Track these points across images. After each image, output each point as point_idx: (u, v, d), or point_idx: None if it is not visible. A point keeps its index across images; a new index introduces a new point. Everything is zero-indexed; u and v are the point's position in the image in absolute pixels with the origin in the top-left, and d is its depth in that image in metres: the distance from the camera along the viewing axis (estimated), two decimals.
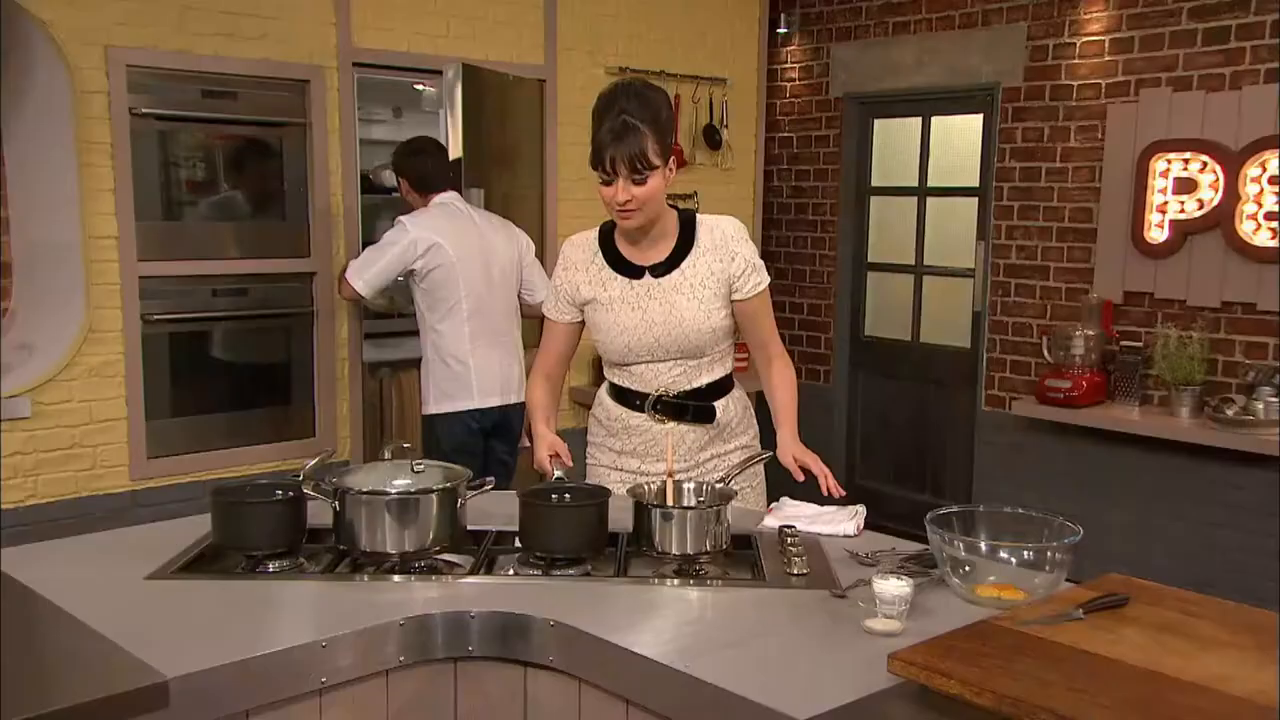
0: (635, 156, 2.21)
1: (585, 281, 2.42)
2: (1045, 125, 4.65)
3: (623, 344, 2.38)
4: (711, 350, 2.43)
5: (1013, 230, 4.81)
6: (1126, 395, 4.35)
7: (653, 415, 2.43)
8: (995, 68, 4.78)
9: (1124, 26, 4.36)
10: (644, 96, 2.26)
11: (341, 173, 4.19)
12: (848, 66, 5.37)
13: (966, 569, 1.89)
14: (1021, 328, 4.79)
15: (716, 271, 2.38)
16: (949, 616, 1.76)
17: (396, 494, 2.02)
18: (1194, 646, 1.54)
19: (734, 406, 2.51)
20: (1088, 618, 1.65)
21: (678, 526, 2.01)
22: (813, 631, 1.77)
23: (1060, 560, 1.86)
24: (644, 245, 2.40)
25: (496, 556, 2.15)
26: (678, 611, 1.90)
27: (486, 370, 3.71)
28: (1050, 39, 4.60)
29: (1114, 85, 4.41)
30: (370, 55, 4.21)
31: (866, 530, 2.26)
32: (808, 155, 5.60)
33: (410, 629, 1.77)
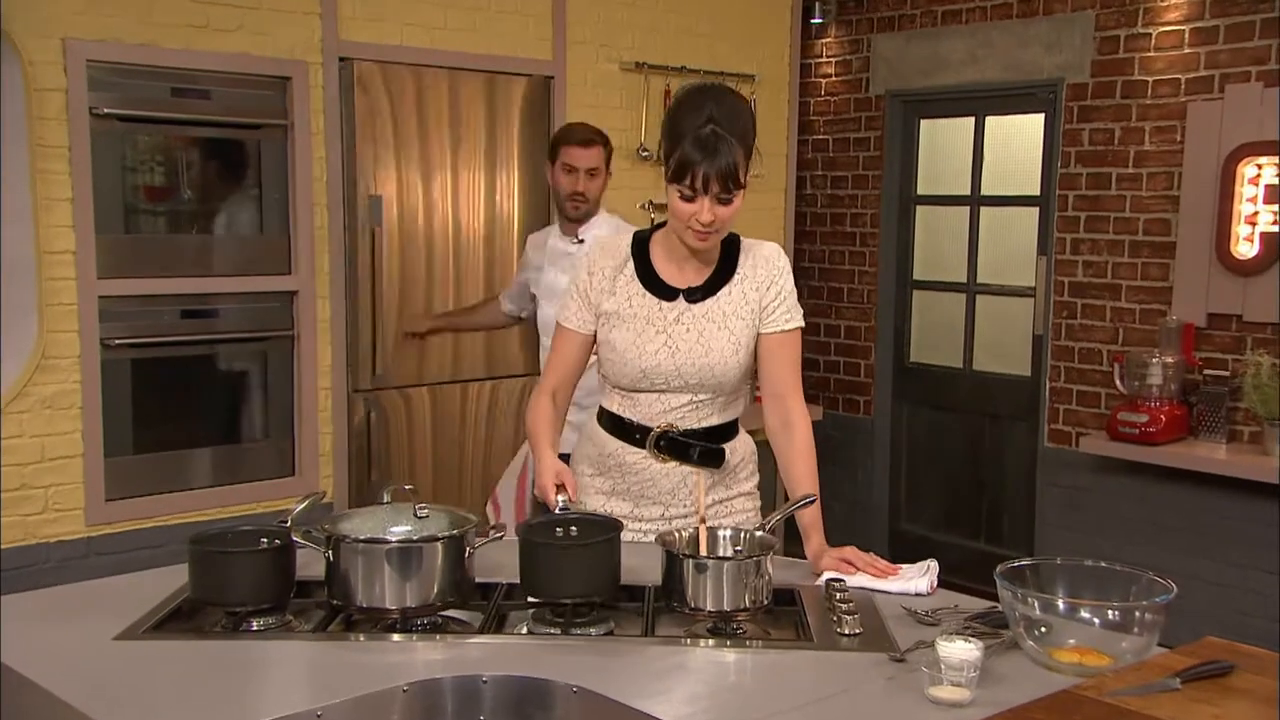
0: (728, 174, 2.23)
1: (609, 291, 2.43)
2: (1116, 126, 4.66)
3: (639, 369, 2.39)
4: (730, 388, 2.44)
5: (1079, 244, 4.81)
6: (1212, 431, 4.33)
7: (654, 453, 2.43)
8: (1059, 61, 4.80)
9: (1207, 14, 4.38)
10: (733, 106, 2.28)
11: (326, 180, 4.22)
12: (890, 61, 5.40)
13: (1042, 630, 1.88)
14: (1090, 354, 4.78)
15: (751, 300, 2.41)
16: (1023, 684, 1.76)
17: (397, 542, 2.02)
18: None
19: (741, 450, 2.52)
20: (1185, 688, 1.64)
21: (713, 579, 2.00)
22: (869, 700, 1.77)
23: (1151, 621, 1.85)
24: (685, 265, 2.41)
25: (508, 613, 2.15)
26: (714, 676, 1.89)
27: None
28: (1122, 29, 4.62)
29: (1195, 81, 4.42)
30: (358, 49, 4.25)
31: None
32: (845, 160, 5.62)
33: (415, 695, 1.77)
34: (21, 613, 2.08)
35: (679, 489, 2.45)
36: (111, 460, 3.88)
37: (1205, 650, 1.78)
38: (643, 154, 4.97)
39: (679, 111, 2.29)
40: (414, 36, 4.38)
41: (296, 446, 4.26)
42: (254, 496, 4.11)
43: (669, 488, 2.45)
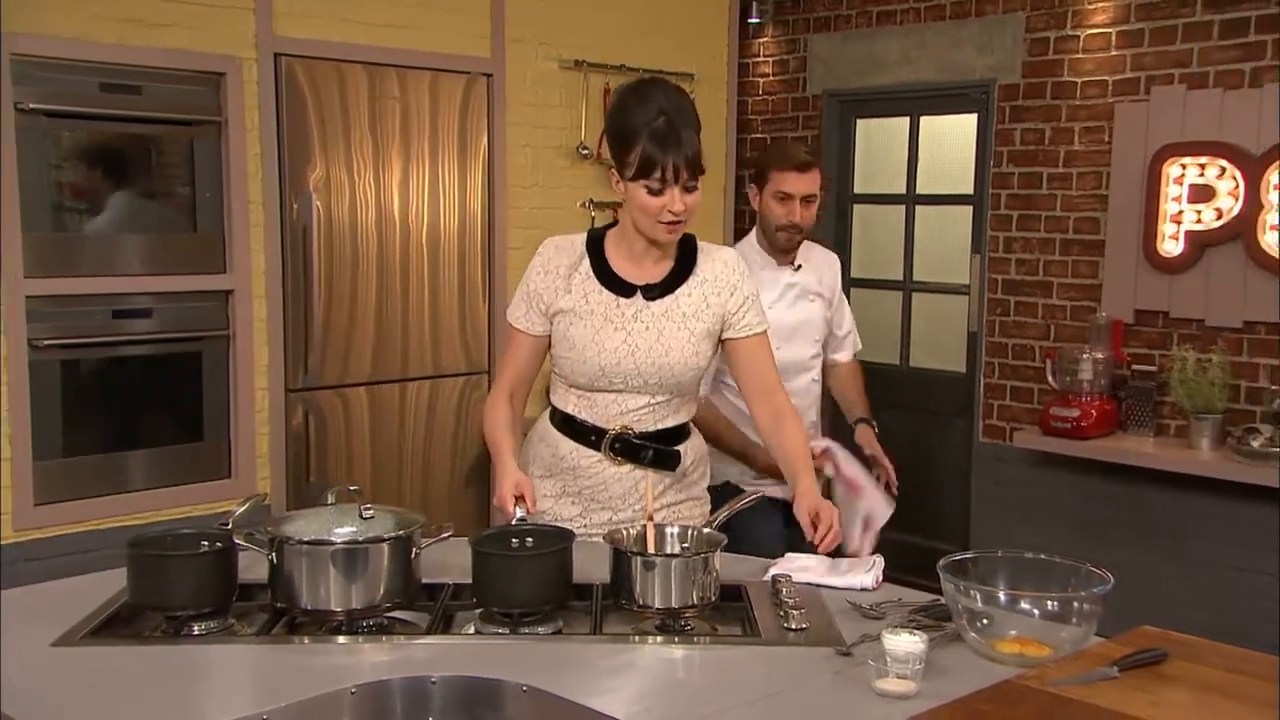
0: (693, 161, 2.26)
1: (564, 289, 2.41)
2: (1046, 126, 4.75)
3: (597, 366, 2.38)
4: (688, 390, 2.45)
5: (1011, 242, 4.90)
6: (1140, 425, 4.44)
7: (609, 455, 2.42)
8: (990, 63, 4.89)
9: (1133, 18, 4.49)
10: (678, 97, 2.31)
11: (261, 177, 4.16)
12: (826, 61, 5.45)
13: (984, 622, 1.91)
14: (1023, 350, 4.87)
15: (713, 305, 2.41)
16: (967, 675, 1.79)
17: (343, 543, 2.00)
18: (1243, 708, 1.58)
19: (694, 452, 2.52)
20: (1123, 676, 1.68)
21: (661, 577, 2.01)
22: (816, 694, 1.78)
23: (1089, 612, 1.89)
24: (643, 261, 2.41)
25: (454, 613, 2.14)
26: (663, 672, 1.90)
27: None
28: (1051, 31, 4.71)
29: (1122, 82, 4.53)
30: (293, 46, 4.20)
31: None
32: None
33: (363, 697, 1.76)
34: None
35: (630, 494, 2.44)
36: (40, 464, 3.79)
37: (1140, 639, 1.83)
38: (583, 152, 4.96)
39: (626, 109, 2.29)
40: (350, 33, 4.33)
41: (233, 448, 4.20)
42: (189, 499, 4.05)
43: (620, 492, 2.45)
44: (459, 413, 4.74)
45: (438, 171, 4.59)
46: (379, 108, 4.42)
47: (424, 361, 4.63)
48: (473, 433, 4.75)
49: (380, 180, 4.45)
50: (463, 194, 4.67)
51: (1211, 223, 4.26)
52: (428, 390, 4.65)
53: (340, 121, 4.33)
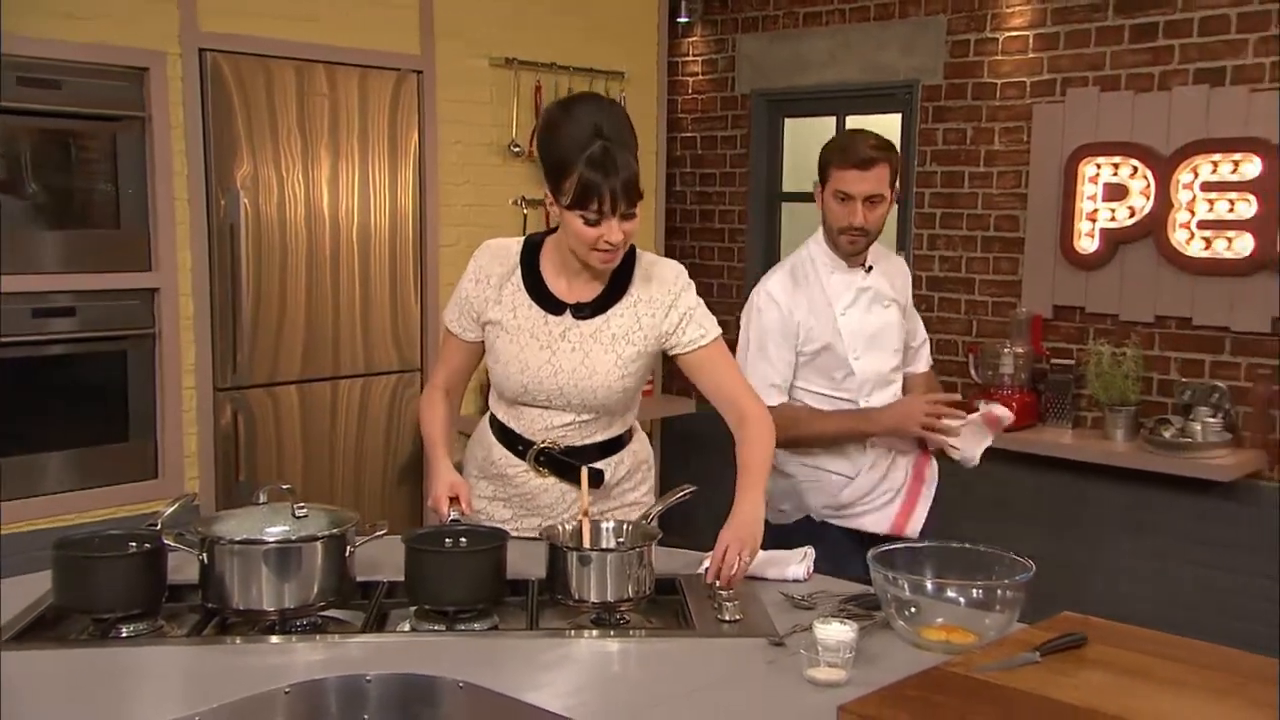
0: (631, 189, 2.13)
1: (495, 300, 2.36)
2: (968, 126, 4.84)
3: (520, 384, 2.34)
4: (616, 408, 2.40)
5: (935, 240, 4.98)
6: (1059, 417, 4.54)
7: (534, 467, 2.41)
8: (914, 64, 4.96)
9: (1048, 21, 4.58)
10: (614, 113, 2.19)
11: (187, 174, 4.08)
12: (754, 61, 5.49)
13: (912, 610, 1.95)
14: (946, 345, 4.95)
15: (646, 326, 2.33)
16: (896, 663, 1.81)
17: (275, 543, 1.98)
18: (1158, 689, 1.63)
19: (628, 461, 2.47)
20: (1045, 661, 1.72)
21: (596, 571, 2.02)
22: (750, 684, 1.80)
23: (1012, 599, 1.93)
24: (576, 279, 2.33)
25: (389, 611, 2.12)
26: (599, 665, 1.91)
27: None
28: (971, 33, 4.79)
29: (1039, 84, 4.62)
30: (218, 40, 4.12)
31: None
32: (713, 157, 5.69)
33: (298, 697, 1.74)
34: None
35: (559, 504, 2.42)
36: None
37: (1062, 625, 1.88)
38: (514, 149, 4.94)
39: (558, 131, 2.16)
40: (277, 29, 4.26)
41: (160, 448, 4.11)
42: (115, 500, 3.96)
43: (549, 501, 2.43)
44: (392, 411, 4.69)
45: (368, 168, 4.54)
46: (307, 104, 4.35)
47: (356, 359, 4.58)
48: (406, 431, 4.70)
49: (309, 177, 4.39)
50: (393, 191, 4.62)
51: (1125, 221, 4.36)
52: (359, 388, 4.60)
53: (268, 118, 4.26)
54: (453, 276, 4.39)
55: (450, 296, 2.49)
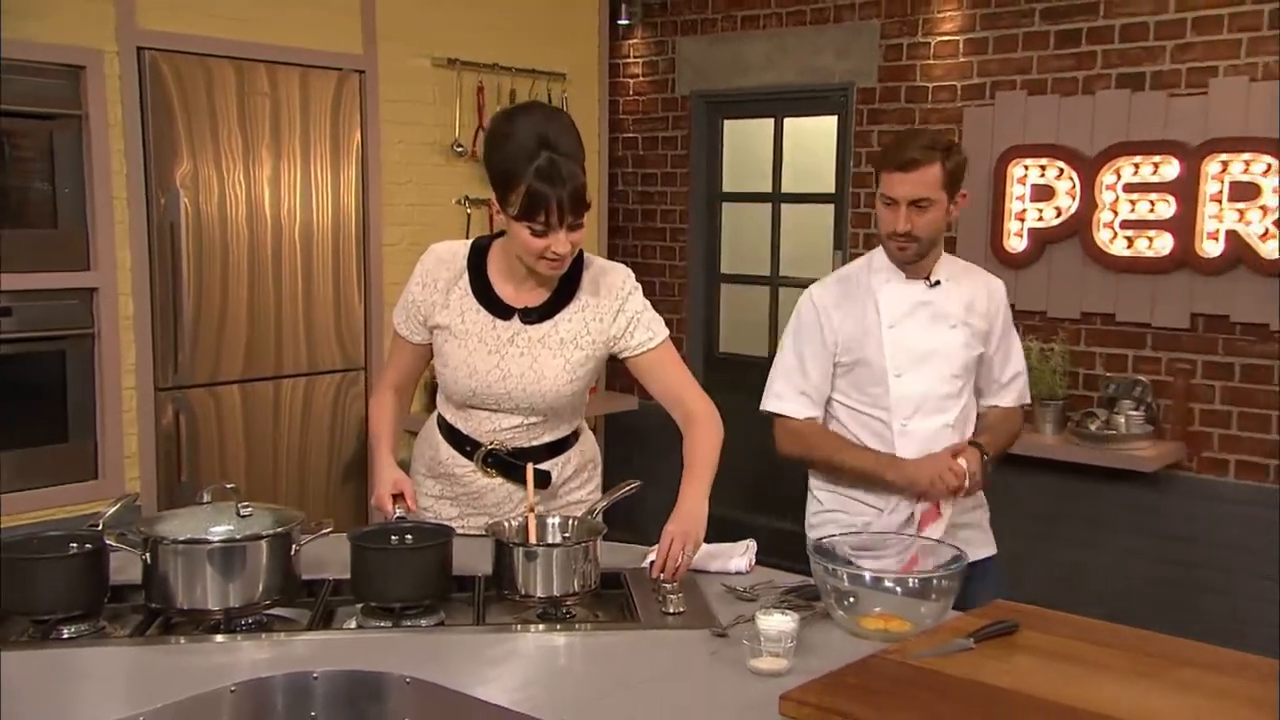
0: (578, 200, 2.12)
1: (442, 304, 2.34)
2: (901, 128, 4.89)
3: (468, 388, 2.33)
4: (564, 411, 2.40)
5: (870, 239, 5.03)
6: None
7: (481, 468, 2.40)
8: (849, 67, 5.01)
9: (978, 26, 4.65)
10: (560, 122, 2.17)
11: (126, 173, 4.00)
12: (694, 63, 5.51)
13: (851, 600, 1.97)
14: None
15: (594, 331, 2.33)
16: (836, 651, 1.83)
17: (220, 542, 1.95)
18: (1086, 672, 1.66)
19: (574, 461, 2.47)
20: (979, 647, 1.75)
21: (542, 566, 2.01)
22: (694, 674, 1.81)
23: (946, 588, 1.96)
24: (523, 285, 2.31)
25: (335, 609, 2.10)
26: (545, 659, 1.91)
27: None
28: (904, 38, 4.85)
29: (969, 87, 4.69)
30: (157, 39, 4.05)
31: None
32: (655, 158, 5.70)
33: (243, 695, 1.71)
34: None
35: (505, 503, 2.42)
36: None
37: (994, 611, 1.91)
38: (457, 149, 4.91)
39: (505, 143, 2.14)
40: (216, 27, 4.19)
41: (100, 448, 4.04)
42: (55, 501, 3.87)
43: (495, 501, 2.43)
44: (335, 410, 4.64)
45: (310, 168, 4.49)
46: (248, 103, 4.29)
47: (299, 359, 4.52)
48: (350, 429, 4.66)
49: (251, 176, 4.33)
50: (336, 190, 4.58)
51: (1052, 220, 4.44)
52: (303, 387, 4.55)
53: (208, 117, 4.19)
54: (397, 276, 4.36)
55: (395, 296, 2.47)
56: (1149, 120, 4.20)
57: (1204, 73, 4.11)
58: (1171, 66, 4.19)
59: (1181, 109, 4.14)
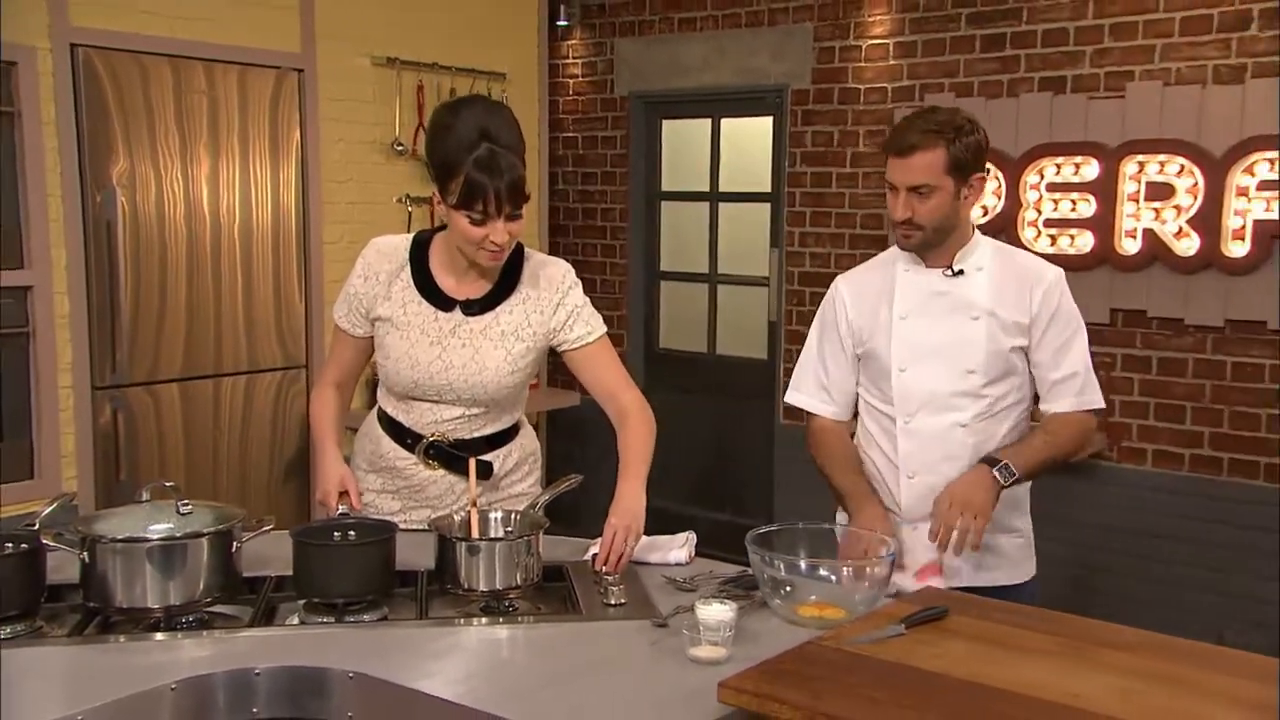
0: (517, 191, 2.12)
1: (384, 296, 2.33)
2: (835, 129, 4.94)
3: (410, 379, 2.32)
4: (506, 403, 2.40)
5: (806, 237, 5.08)
6: None
7: (423, 460, 2.39)
8: (783, 69, 5.04)
9: (907, 30, 4.71)
10: (500, 115, 2.17)
11: (61, 170, 3.91)
12: (632, 64, 5.51)
13: (787, 589, 1.99)
14: None
15: (534, 323, 2.33)
16: (773, 639, 1.85)
17: (159, 540, 1.91)
18: (1012, 655, 1.69)
19: (515, 454, 2.47)
20: (910, 632, 1.77)
21: (485, 560, 2.00)
22: (636, 664, 1.82)
23: (879, 575, 1.99)
24: (464, 277, 2.31)
25: (277, 605, 2.08)
26: (488, 652, 1.90)
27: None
28: (836, 41, 4.90)
29: (900, 90, 4.75)
30: (91, 36, 3.96)
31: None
32: (594, 157, 5.70)
33: (184, 693, 1.68)
34: None
35: (447, 495, 2.40)
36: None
37: (925, 598, 1.94)
38: (398, 148, 4.87)
39: (446, 134, 2.14)
40: (151, 25, 4.11)
41: (36, 448, 3.95)
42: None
43: (437, 493, 2.41)
44: (277, 407, 4.58)
45: (249, 166, 4.42)
46: (185, 101, 4.21)
47: (239, 357, 4.45)
48: (292, 427, 4.60)
49: (189, 174, 4.25)
50: (276, 189, 4.51)
51: (979, 219, 4.51)
52: (243, 386, 4.48)
53: (144, 115, 4.11)
54: (338, 274, 4.32)
55: (336, 294, 2.45)
56: (1070, 122, 4.29)
57: (1121, 77, 4.21)
58: (1091, 71, 4.28)
59: (1100, 112, 4.23)
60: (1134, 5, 4.17)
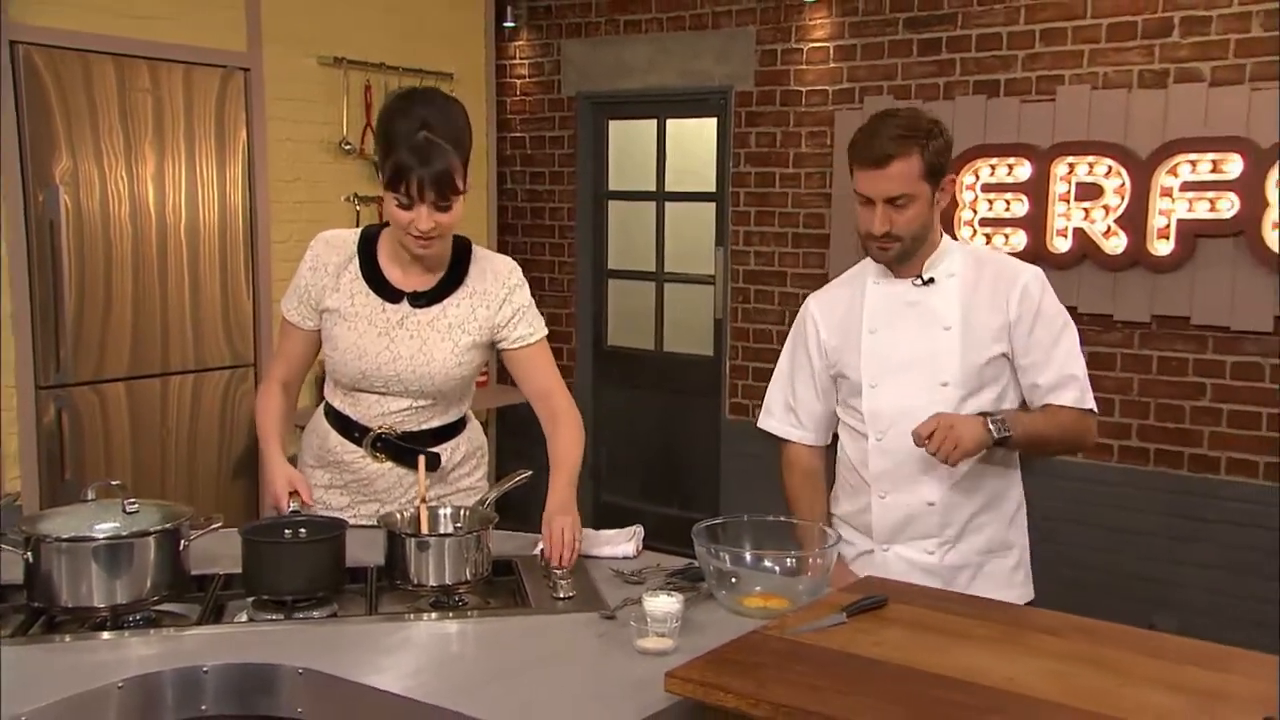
0: (443, 182, 2.12)
1: (332, 288, 2.32)
2: (777, 130, 4.97)
3: (358, 370, 2.31)
4: (453, 395, 2.39)
5: (750, 236, 5.10)
6: None
7: (371, 453, 2.37)
8: (727, 71, 5.06)
9: (846, 34, 4.75)
10: (447, 110, 2.18)
11: (1, 169, 3.82)
12: (579, 65, 5.50)
13: (733, 580, 2.00)
14: (762, 334, 5.09)
15: (481, 318, 2.33)
16: (719, 630, 1.86)
17: (105, 539, 1.88)
18: (949, 641, 1.72)
19: (463, 448, 2.47)
20: (851, 620, 1.79)
21: (435, 556, 2.00)
22: (584, 656, 1.82)
23: (821, 566, 2.01)
24: (411, 268, 2.31)
25: (226, 603, 2.05)
26: (438, 646, 1.89)
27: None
28: (779, 44, 4.93)
29: (840, 92, 4.79)
30: (31, 33, 3.87)
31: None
32: (542, 157, 5.68)
33: (131, 691, 1.66)
34: None
35: (395, 488, 2.39)
36: None
37: (864, 587, 1.96)
38: (345, 147, 4.82)
39: (391, 117, 2.17)
40: (94, 23, 4.03)
41: None
42: None
43: (385, 486, 2.40)
44: (225, 406, 4.51)
45: (195, 165, 4.35)
46: (129, 100, 4.14)
47: (186, 355, 4.38)
48: (240, 426, 4.54)
49: (134, 173, 4.17)
50: (222, 187, 4.45)
51: None
52: (191, 384, 4.41)
53: (87, 113, 4.03)
54: (286, 273, 4.26)
55: (284, 292, 2.42)
56: (1003, 125, 4.35)
57: (1052, 81, 4.28)
58: (1023, 75, 4.35)
59: (1032, 114, 4.30)
60: (1064, 12, 4.25)
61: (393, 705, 1.65)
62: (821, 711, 1.48)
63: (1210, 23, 3.98)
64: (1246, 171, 3.87)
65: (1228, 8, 3.94)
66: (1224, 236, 3.95)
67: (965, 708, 1.50)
